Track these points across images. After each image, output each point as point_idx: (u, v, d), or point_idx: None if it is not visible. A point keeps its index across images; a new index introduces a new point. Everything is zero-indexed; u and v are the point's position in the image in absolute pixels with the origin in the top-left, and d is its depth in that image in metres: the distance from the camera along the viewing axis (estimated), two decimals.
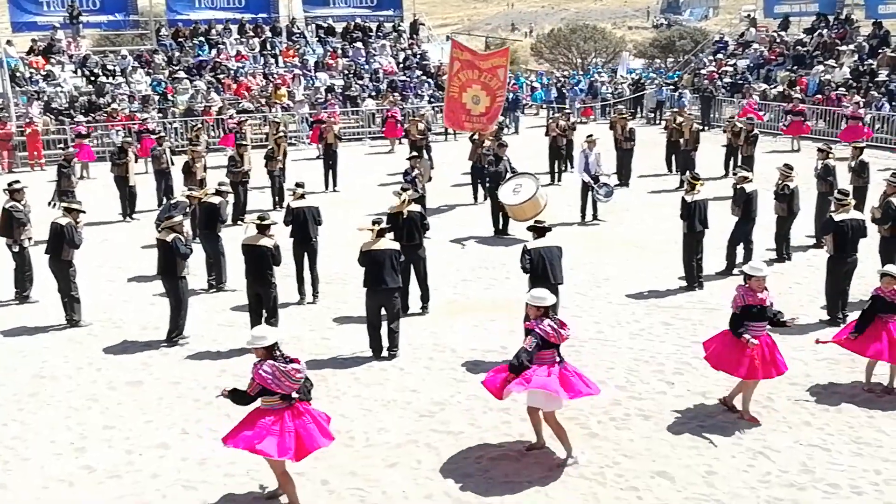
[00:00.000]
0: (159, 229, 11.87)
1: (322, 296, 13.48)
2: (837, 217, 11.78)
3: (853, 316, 11.62)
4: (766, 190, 15.14)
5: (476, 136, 20.26)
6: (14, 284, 13.66)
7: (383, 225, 11.25)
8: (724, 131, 23.18)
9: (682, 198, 13.52)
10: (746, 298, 9.04)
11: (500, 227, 17.10)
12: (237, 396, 7.53)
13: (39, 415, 9.75)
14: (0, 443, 9.09)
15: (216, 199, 14.07)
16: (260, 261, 11.30)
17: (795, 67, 31.51)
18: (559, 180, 22.10)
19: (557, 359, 8.29)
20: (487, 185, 18.27)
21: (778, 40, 34.25)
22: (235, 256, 13.35)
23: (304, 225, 13.22)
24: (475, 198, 19.92)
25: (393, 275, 10.94)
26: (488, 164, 18.25)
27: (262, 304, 11.47)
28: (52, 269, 12.54)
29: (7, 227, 13.48)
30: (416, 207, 12.74)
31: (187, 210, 14.75)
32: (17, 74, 29.09)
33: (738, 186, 14.17)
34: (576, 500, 7.84)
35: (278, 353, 7.44)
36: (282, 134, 21.32)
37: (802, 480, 8.06)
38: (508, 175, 17.07)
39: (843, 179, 16.28)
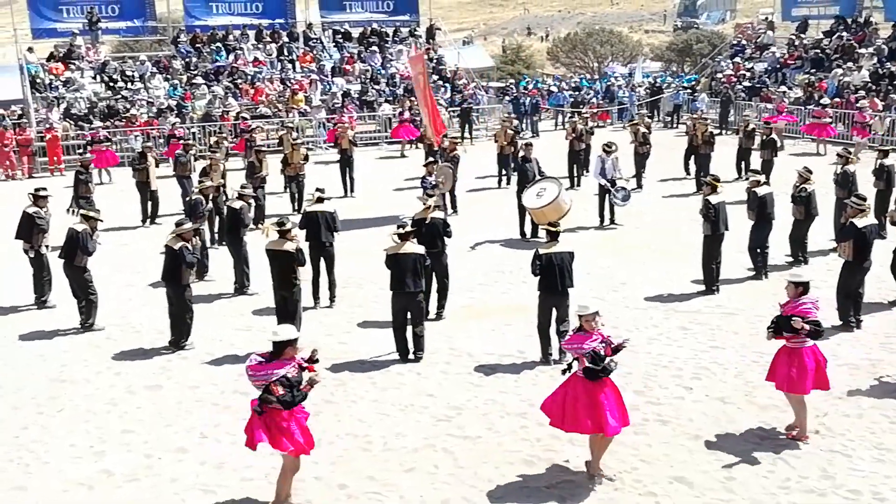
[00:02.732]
0: (169, 235, 11.88)
1: (338, 300, 13.51)
2: (860, 223, 11.63)
3: (867, 319, 11.60)
4: (785, 193, 15.07)
5: (446, 147, 19.59)
6: (33, 290, 13.76)
7: (408, 229, 11.29)
8: (737, 133, 23.09)
9: (706, 199, 13.43)
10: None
11: (530, 231, 17.02)
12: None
13: (59, 418, 9.81)
14: (20, 446, 9.16)
15: (238, 204, 14.15)
16: (284, 264, 11.37)
17: (814, 70, 31.33)
18: (578, 184, 22.06)
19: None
20: (515, 187, 18.04)
21: (796, 43, 34.09)
22: (258, 261, 13.43)
23: (318, 229, 13.27)
24: (452, 207, 19.13)
25: (416, 279, 10.98)
26: (516, 166, 18.20)
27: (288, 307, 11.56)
28: (67, 273, 12.65)
29: (26, 232, 13.58)
30: (439, 214, 12.76)
31: (204, 211, 14.81)
32: (38, 80, 29.36)
33: (750, 190, 14.12)
34: None
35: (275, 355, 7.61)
36: (299, 140, 21.34)
37: (823, 486, 7.99)
38: (537, 178, 17.03)
39: (868, 183, 16.21)
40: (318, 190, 13.84)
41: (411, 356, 11.18)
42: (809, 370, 8.67)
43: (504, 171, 22.39)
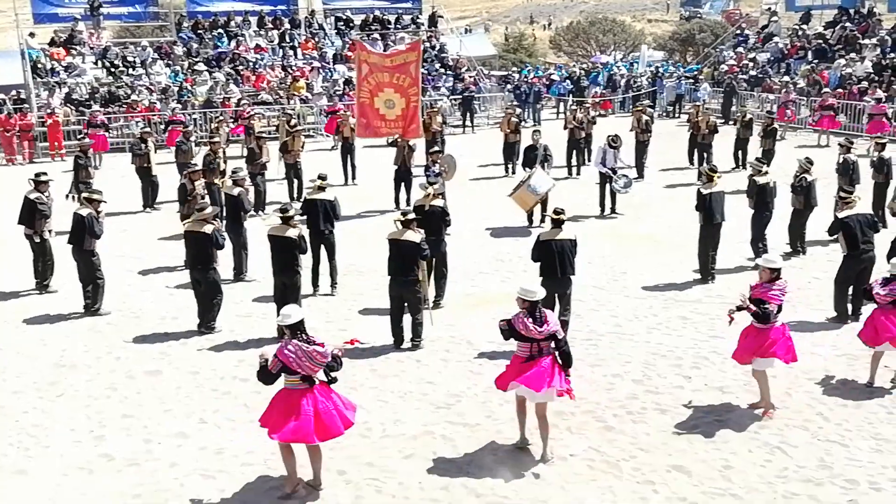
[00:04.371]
0: (191, 220, 11.81)
1: (339, 287, 13.51)
2: (841, 214, 11.66)
3: (866, 310, 11.58)
4: (785, 183, 15.08)
5: (399, 140, 18.63)
6: (34, 274, 13.78)
7: (411, 216, 11.29)
8: (735, 123, 23.12)
9: (698, 190, 13.52)
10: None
11: (538, 219, 17.04)
12: (263, 374, 7.61)
13: (59, 403, 9.85)
14: (21, 430, 9.19)
15: (236, 191, 14.13)
16: (286, 251, 11.38)
17: (816, 61, 31.26)
18: (578, 173, 22.05)
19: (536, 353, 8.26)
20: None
21: (799, 33, 34.01)
22: (257, 247, 13.43)
23: (318, 217, 13.28)
24: (397, 203, 18.37)
25: (412, 267, 10.97)
26: (524, 154, 18.32)
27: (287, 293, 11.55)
28: (75, 258, 12.66)
29: (28, 217, 13.58)
30: (439, 202, 12.77)
31: (191, 195, 14.79)
32: (39, 66, 29.31)
33: (751, 178, 14.16)
34: (592, 493, 7.85)
35: (303, 334, 7.54)
36: (300, 127, 21.28)
37: (820, 476, 8.02)
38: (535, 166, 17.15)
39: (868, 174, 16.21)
40: (319, 177, 13.82)
41: (407, 343, 11.19)
42: (774, 340, 8.92)
43: (510, 160, 22.40)
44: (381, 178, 21.97)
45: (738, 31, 38.54)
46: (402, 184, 18.52)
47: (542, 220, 16.76)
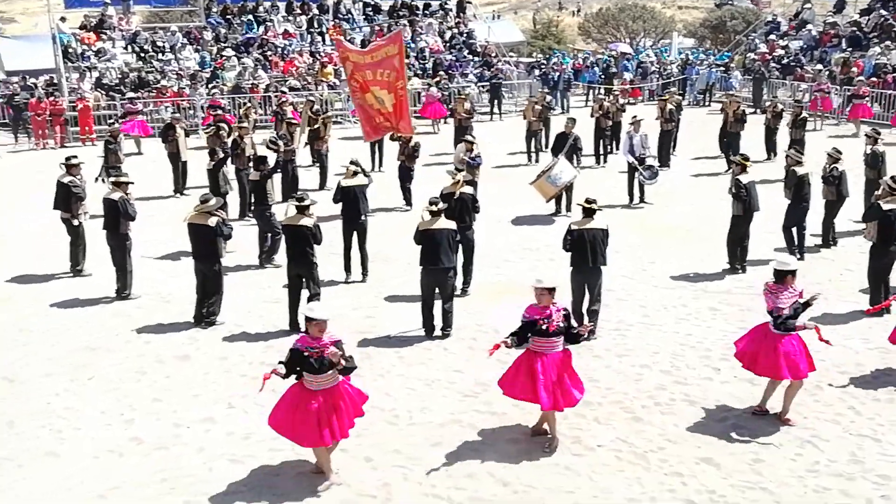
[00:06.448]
0: (194, 212, 11.61)
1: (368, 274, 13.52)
2: (886, 206, 11.46)
3: None
4: (816, 174, 14.87)
5: (400, 136, 17.76)
6: (69, 258, 13.90)
7: (441, 205, 11.24)
8: (764, 112, 22.87)
9: (736, 179, 13.23)
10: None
11: (565, 206, 16.99)
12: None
13: (89, 386, 9.95)
14: (53, 413, 9.30)
15: (257, 175, 14.12)
16: (301, 240, 11.32)
17: (850, 49, 30.78)
18: (605, 162, 21.91)
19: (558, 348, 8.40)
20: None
21: (833, 21, 33.48)
22: None
23: (353, 203, 13.25)
24: (406, 200, 17.95)
25: (449, 254, 10.97)
26: (555, 140, 18.27)
27: (303, 284, 11.48)
28: (110, 242, 12.75)
29: (64, 201, 13.69)
30: (468, 189, 12.73)
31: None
32: (70, 50, 29.53)
33: (790, 168, 13.95)
34: (620, 484, 7.81)
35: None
36: (330, 114, 21.24)
37: (851, 471, 7.93)
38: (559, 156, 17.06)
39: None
40: (353, 163, 13.78)
41: (438, 332, 11.18)
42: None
43: (533, 147, 22.32)
44: None
45: (771, 19, 37.97)
46: (403, 180, 18.02)
47: (569, 209, 16.68)
